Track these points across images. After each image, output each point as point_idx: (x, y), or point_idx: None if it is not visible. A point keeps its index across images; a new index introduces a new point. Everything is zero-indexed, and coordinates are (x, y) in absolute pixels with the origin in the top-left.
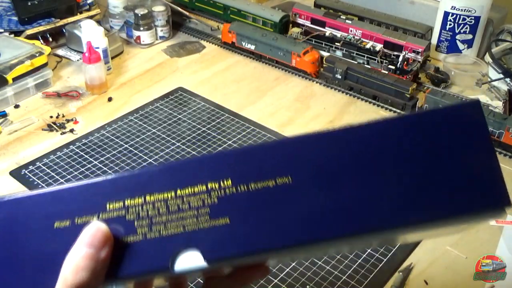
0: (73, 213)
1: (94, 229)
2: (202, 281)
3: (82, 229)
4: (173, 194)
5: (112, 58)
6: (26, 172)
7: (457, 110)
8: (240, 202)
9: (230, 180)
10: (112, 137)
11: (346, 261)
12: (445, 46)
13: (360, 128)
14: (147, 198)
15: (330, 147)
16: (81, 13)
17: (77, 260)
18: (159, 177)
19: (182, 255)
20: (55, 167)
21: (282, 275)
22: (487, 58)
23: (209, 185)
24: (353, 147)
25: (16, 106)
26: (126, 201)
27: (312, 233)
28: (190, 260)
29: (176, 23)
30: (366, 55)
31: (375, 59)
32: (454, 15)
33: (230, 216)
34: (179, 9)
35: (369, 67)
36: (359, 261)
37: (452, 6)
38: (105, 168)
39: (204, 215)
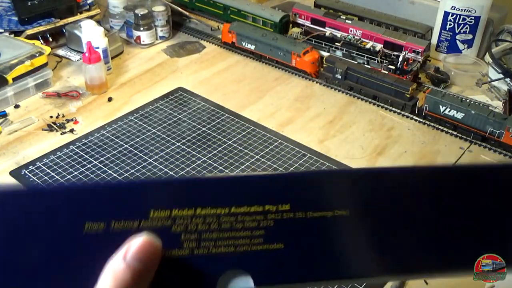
0: (109, 215)
1: (145, 243)
2: None
3: (117, 237)
4: (227, 210)
5: (112, 58)
6: (26, 172)
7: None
8: (296, 229)
9: (288, 205)
10: (112, 137)
11: None
12: (445, 46)
13: (418, 172)
14: (198, 211)
15: (388, 185)
16: (81, 13)
17: (123, 274)
18: (213, 189)
19: (230, 276)
20: (55, 167)
21: None
22: (487, 58)
23: (266, 207)
24: (411, 190)
25: (16, 106)
26: (173, 211)
27: (359, 270)
28: (237, 282)
29: (176, 23)
30: (366, 55)
31: (375, 59)
32: (454, 15)
33: (285, 242)
34: (179, 9)
35: (369, 67)
36: None
37: (452, 6)
38: (105, 168)
39: (258, 237)
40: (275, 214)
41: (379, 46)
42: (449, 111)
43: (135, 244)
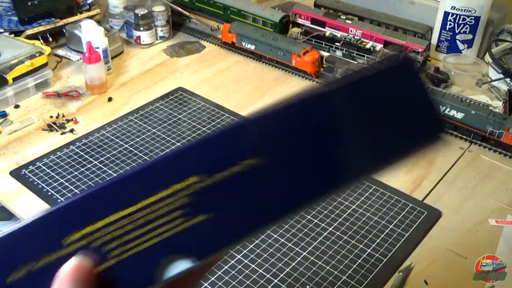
0: (25, 259)
1: (75, 266)
2: None
3: (44, 273)
4: (135, 207)
5: (112, 58)
6: (26, 172)
7: (395, 67)
8: (212, 195)
9: (194, 177)
10: (112, 137)
11: (346, 261)
12: (445, 46)
13: (310, 99)
14: (107, 219)
15: (288, 121)
16: (81, 13)
17: None
18: (114, 193)
19: (166, 263)
20: (55, 167)
21: (282, 275)
22: (487, 58)
23: (173, 188)
24: (309, 117)
25: (16, 106)
26: (84, 229)
27: (294, 201)
28: (175, 266)
29: (176, 23)
30: (366, 55)
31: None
32: (454, 15)
33: (206, 211)
34: (179, 9)
35: None
36: (359, 261)
37: (452, 6)
38: (105, 168)
39: (177, 218)
40: (185, 190)
41: (379, 46)
42: (449, 111)
43: (65, 270)
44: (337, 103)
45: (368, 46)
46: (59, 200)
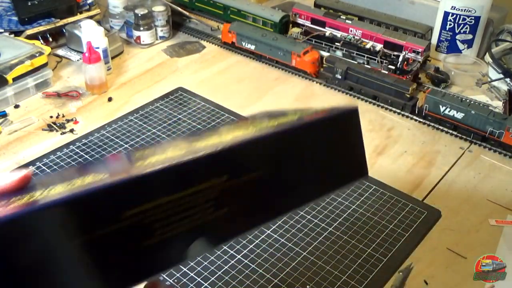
0: (87, 227)
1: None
2: None
3: (104, 243)
4: (182, 194)
5: (112, 58)
6: None
7: (343, 115)
8: (234, 192)
9: (226, 176)
10: (112, 137)
11: (346, 261)
12: (445, 46)
13: (287, 130)
14: (159, 201)
15: (289, 141)
16: (81, 13)
17: None
18: (168, 178)
19: (194, 245)
20: (55, 167)
21: (282, 275)
22: (487, 58)
23: (212, 181)
24: (290, 144)
25: (16, 106)
26: (141, 207)
27: (284, 206)
28: (199, 248)
29: (176, 23)
30: (366, 55)
31: (375, 59)
32: (454, 15)
33: (228, 205)
34: (179, 9)
35: (369, 67)
36: (359, 261)
37: (452, 6)
38: None
39: (209, 208)
40: (218, 186)
41: (379, 46)
42: (449, 111)
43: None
44: (297, 139)
45: (368, 46)
46: None
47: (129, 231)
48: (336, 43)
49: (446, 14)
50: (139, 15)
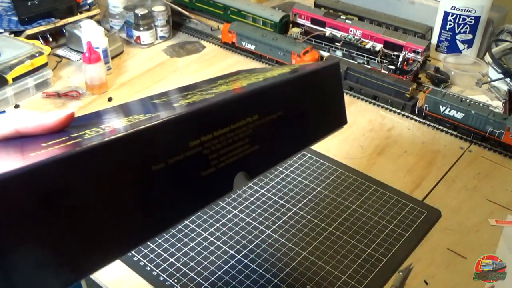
0: (164, 154)
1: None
2: None
3: (175, 169)
4: (229, 129)
5: (112, 58)
6: None
7: (326, 69)
8: (264, 130)
9: (257, 115)
10: None
11: (346, 261)
12: (445, 46)
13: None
14: (214, 133)
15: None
16: (81, 13)
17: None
18: (219, 113)
19: (237, 178)
20: None
21: (282, 275)
22: (487, 58)
23: (247, 119)
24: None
25: (16, 106)
26: (201, 138)
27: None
28: (241, 180)
29: (176, 23)
30: (366, 55)
31: (375, 59)
32: (454, 15)
33: (259, 142)
34: (179, 9)
35: (369, 67)
36: (359, 261)
37: (452, 6)
38: None
39: (246, 144)
40: (252, 123)
41: (379, 46)
42: (449, 111)
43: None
44: (290, 90)
45: (368, 46)
46: None
47: (192, 160)
48: (336, 43)
49: (446, 14)
50: (139, 15)
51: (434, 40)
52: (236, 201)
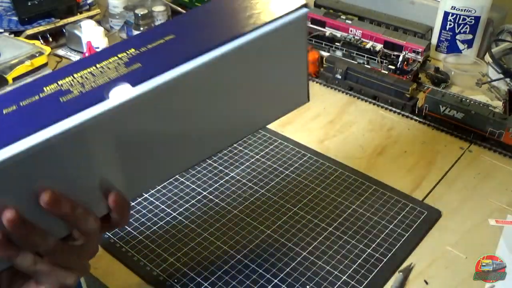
0: (16, 100)
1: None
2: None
3: (29, 110)
4: (95, 67)
5: None
6: None
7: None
8: (145, 55)
9: (132, 49)
10: None
11: (346, 261)
12: (445, 46)
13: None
14: (75, 75)
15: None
16: (81, 13)
17: None
18: (81, 62)
19: (113, 89)
20: None
21: (282, 275)
22: (487, 58)
23: (119, 55)
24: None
25: None
26: (58, 82)
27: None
28: (121, 91)
29: None
30: (366, 55)
31: (375, 59)
32: (454, 15)
33: (141, 62)
34: (179, 9)
35: (369, 67)
36: (359, 261)
37: (452, 6)
38: None
39: (121, 67)
40: (127, 56)
41: (379, 46)
42: (449, 111)
43: None
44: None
45: (368, 46)
46: None
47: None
48: (336, 43)
49: (446, 14)
50: (139, 15)
51: (434, 40)
52: (236, 201)
